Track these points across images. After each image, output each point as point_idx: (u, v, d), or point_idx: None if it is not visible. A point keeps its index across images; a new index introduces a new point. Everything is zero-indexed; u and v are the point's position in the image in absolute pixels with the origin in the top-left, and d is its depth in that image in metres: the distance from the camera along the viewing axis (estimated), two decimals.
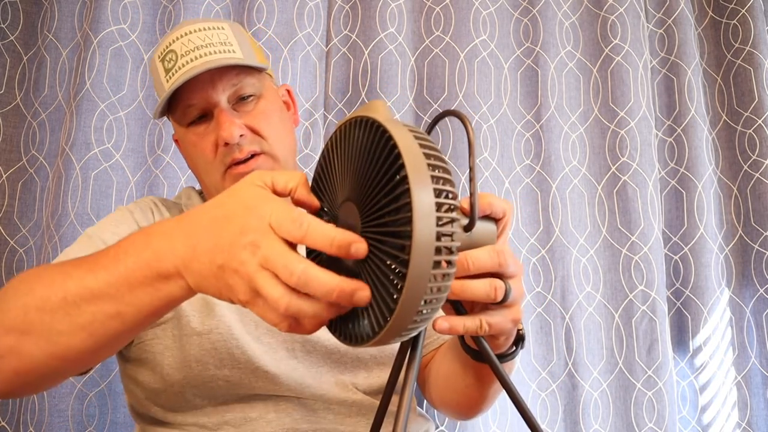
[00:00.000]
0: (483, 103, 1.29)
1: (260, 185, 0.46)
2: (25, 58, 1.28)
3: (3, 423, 1.14)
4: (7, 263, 1.20)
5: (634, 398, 1.21)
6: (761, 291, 1.27)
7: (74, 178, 1.15)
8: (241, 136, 0.79)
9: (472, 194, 0.49)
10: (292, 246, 0.43)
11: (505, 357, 0.60)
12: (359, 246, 0.42)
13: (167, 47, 0.81)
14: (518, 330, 0.60)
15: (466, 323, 0.50)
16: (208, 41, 0.79)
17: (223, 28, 0.82)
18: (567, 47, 1.36)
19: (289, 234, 0.42)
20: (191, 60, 0.78)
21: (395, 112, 1.26)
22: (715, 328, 1.26)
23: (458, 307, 0.52)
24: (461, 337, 0.61)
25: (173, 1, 1.26)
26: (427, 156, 0.41)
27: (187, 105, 0.80)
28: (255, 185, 0.46)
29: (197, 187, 0.95)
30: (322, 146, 1.27)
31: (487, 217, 0.52)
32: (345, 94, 1.31)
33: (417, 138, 0.42)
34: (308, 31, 1.29)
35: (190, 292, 0.48)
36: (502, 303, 0.50)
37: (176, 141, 0.91)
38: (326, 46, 1.33)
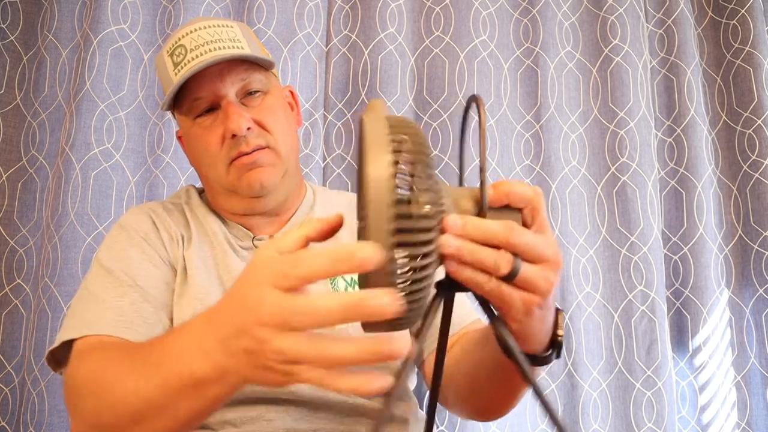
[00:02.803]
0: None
1: (266, 257, 0.45)
2: (25, 58, 1.28)
3: (3, 423, 1.14)
4: (7, 263, 1.20)
5: (633, 398, 1.21)
6: (761, 291, 1.28)
7: (74, 178, 1.15)
8: (248, 129, 0.79)
9: (482, 183, 0.47)
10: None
11: (537, 360, 0.57)
12: (366, 250, 0.40)
13: (176, 42, 0.81)
14: (556, 336, 0.57)
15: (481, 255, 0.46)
16: (217, 37, 0.80)
17: (232, 27, 0.83)
18: (567, 47, 1.36)
19: (292, 289, 0.42)
20: (200, 54, 0.78)
21: (395, 113, 1.26)
22: (715, 328, 1.26)
23: (488, 307, 0.51)
24: (498, 334, 0.57)
25: (173, 1, 1.26)
26: (392, 132, 0.42)
27: (195, 98, 0.81)
28: (260, 265, 0.45)
29: (197, 185, 0.95)
30: (321, 146, 1.28)
31: (509, 207, 0.48)
32: (345, 94, 1.31)
33: (390, 121, 0.43)
34: (308, 31, 1.29)
35: (237, 388, 0.48)
36: (509, 280, 0.47)
37: (179, 138, 0.91)
38: (326, 46, 1.33)
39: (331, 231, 0.48)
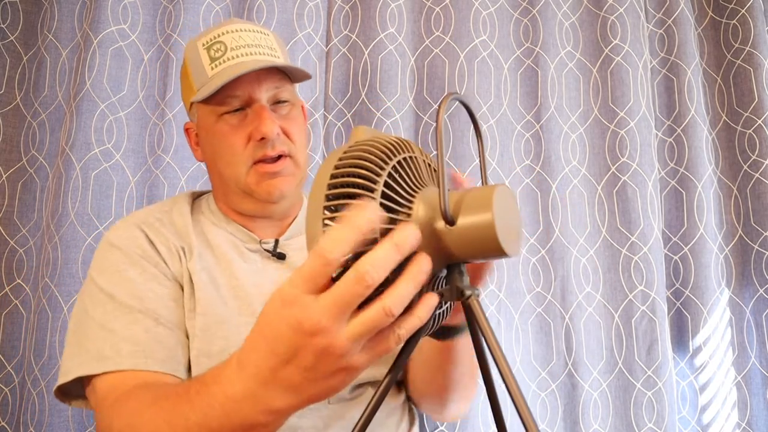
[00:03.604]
0: (483, 103, 1.29)
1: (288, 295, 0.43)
2: (25, 58, 1.28)
3: (3, 423, 1.14)
4: (7, 263, 1.20)
5: (633, 398, 1.21)
6: (761, 291, 1.28)
7: (74, 178, 1.15)
8: (276, 134, 0.81)
9: (440, 188, 0.45)
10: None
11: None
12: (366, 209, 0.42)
13: (215, 38, 0.83)
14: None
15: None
16: (257, 42, 0.83)
17: (268, 35, 0.86)
18: (567, 47, 1.36)
19: (324, 283, 0.42)
20: (241, 55, 0.81)
21: (395, 113, 1.27)
22: (715, 328, 1.26)
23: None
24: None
25: (173, 1, 1.26)
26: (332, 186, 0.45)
27: (230, 95, 0.81)
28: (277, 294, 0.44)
29: (197, 188, 0.95)
30: (321, 146, 1.28)
31: (482, 208, 0.45)
32: (345, 95, 1.31)
33: (346, 153, 0.46)
34: (308, 31, 1.29)
35: (288, 417, 0.48)
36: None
37: (187, 130, 0.91)
38: (326, 46, 1.33)
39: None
